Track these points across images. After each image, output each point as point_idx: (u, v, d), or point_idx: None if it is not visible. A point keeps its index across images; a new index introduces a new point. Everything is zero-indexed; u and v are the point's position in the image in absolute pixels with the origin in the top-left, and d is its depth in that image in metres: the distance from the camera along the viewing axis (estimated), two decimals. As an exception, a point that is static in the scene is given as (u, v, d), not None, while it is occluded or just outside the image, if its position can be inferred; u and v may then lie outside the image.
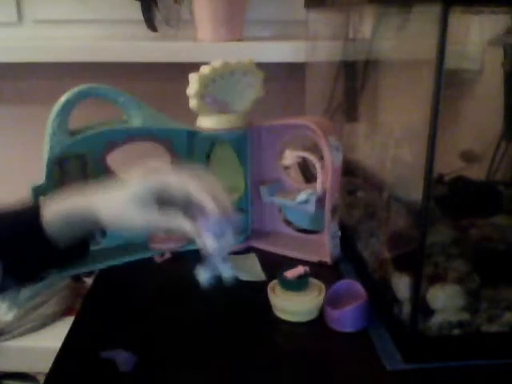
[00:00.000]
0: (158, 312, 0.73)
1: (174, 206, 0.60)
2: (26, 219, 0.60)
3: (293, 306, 0.70)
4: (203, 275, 0.69)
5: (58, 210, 0.60)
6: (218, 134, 0.85)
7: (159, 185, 0.60)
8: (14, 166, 1.30)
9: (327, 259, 0.84)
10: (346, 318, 0.67)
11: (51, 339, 0.99)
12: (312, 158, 0.85)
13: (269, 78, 0.86)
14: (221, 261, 0.66)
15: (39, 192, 0.76)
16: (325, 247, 0.84)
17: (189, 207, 0.60)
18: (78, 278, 1.11)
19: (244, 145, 0.87)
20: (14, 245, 0.59)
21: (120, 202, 0.59)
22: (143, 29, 1.17)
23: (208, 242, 0.62)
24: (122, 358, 0.61)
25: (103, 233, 0.70)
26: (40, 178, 0.76)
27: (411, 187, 0.63)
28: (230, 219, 0.61)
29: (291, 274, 0.71)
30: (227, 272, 0.66)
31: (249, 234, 0.92)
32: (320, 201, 0.83)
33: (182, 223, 0.60)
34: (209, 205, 0.59)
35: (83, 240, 0.65)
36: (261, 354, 0.64)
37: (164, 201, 0.60)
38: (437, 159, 0.53)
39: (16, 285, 0.60)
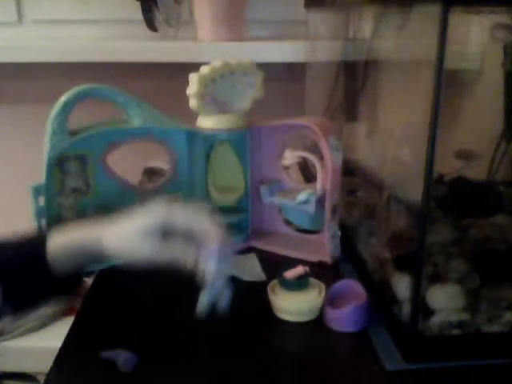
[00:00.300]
0: (158, 312, 0.73)
1: (176, 237, 0.63)
2: (29, 249, 0.61)
3: (293, 305, 0.70)
4: (203, 300, 0.73)
5: (63, 241, 0.61)
6: (218, 134, 0.85)
7: (165, 217, 0.62)
8: (14, 165, 1.30)
9: (327, 259, 0.83)
10: (345, 318, 0.67)
11: (51, 339, 0.99)
12: (312, 157, 0.85)
13: (269, 78, 0.86)
14: (220, 288, 0.70)
15: (39, 192, 0.76)
16: (325, 247, 0.84)
17: (190, 238, 0.63)
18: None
19: (244, 145, 0.87)
20: (14, 273, 0.60)
21: (128, 233, 0.61)
22: (143, 29, 1.17)
23: (210, 270, 0.65)
24: (122, 358, 0.61)
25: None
26: (40, 178, 0.76)
27: (411, 187, 0.63)
28: (227, 249, 0.64)
29: (291, 274, 0.71)
30: (225, 299, 0.69)
31: (249, 233, 0.92)
32: (320, 201, 0.83)
33: (185, 253, 0.62)
34: (212, 236, 0.62)
35: (78, 270, 0.66)
36: (261, 354, 0.64)
37: (168, 232, 0.63)
38: (437, 159, 0.53)
39: (13, 312, 0.61)
